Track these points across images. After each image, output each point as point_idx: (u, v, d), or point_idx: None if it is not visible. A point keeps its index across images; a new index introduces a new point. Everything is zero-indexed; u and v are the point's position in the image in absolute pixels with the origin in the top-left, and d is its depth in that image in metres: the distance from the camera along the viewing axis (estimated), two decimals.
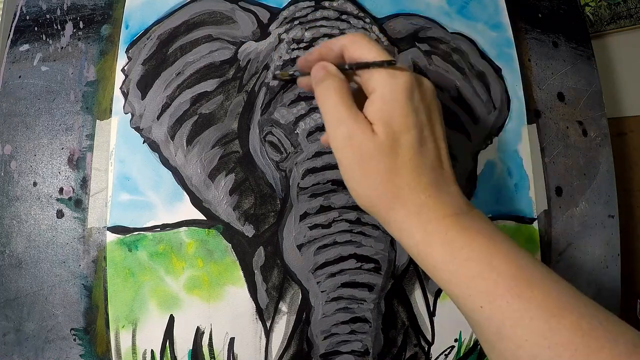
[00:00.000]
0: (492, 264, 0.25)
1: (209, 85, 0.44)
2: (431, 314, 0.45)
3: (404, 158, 0.27)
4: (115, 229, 0.41)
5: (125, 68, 0.43)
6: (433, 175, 0.28)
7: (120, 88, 0.43)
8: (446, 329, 0.45)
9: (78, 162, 0.43)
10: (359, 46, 0.30)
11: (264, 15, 0.45)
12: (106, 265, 0.41)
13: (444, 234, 0.27)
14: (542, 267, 0.27)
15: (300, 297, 0.43)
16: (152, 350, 0.41)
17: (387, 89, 0.28)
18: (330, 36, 0.44)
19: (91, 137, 0.43)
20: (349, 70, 0.30)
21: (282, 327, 0.42)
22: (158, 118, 0.43)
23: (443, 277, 0.27)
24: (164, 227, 0.42)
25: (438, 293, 0.46)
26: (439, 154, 0.29)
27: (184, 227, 0.42)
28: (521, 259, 0.26)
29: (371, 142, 0.27)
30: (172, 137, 0.43)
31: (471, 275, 0.26)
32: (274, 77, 0.43)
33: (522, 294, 0.24)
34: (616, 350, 0.23)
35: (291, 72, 0.37)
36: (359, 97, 0.30)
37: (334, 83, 0.29)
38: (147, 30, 0.44)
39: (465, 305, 0.26)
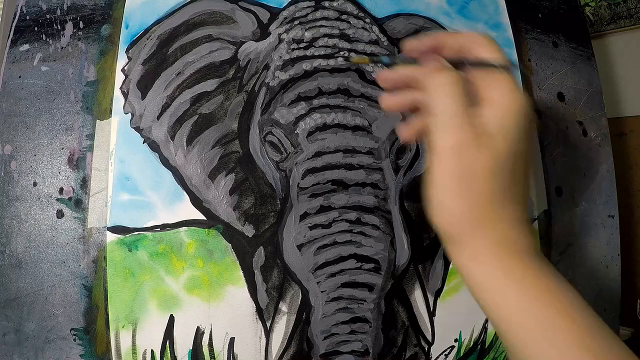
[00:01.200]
0: (558, 318, 0.24)
1: (209, 85, 0.44)
2: (431, 314, 0.45)
3: (501, 183, 0.25)
4: (115, 229, 0.41)
5: (125, 68, 0.43)
6: (518, 209, 0.26)
7: (120, 88, 0.43)
8: (446, 329, 0.45)
9: (78, 162, 0.43)
10: (482, 46, 0.27)
11: (264, 15, 0.45)
12: (106, 265, 0.41)
13: (515, 268, 0.25)
14: (599, 324, 0.25)
15: (300, 297, 0.43)
16: (152, 350, 0.41)
17: (508, 103, 0.25)
18: (330, 36, 0.44)
19: (91, 137, 0.43)
20: (465, 67, 0.27)
21: (282, 327, 0.42)
22: (158, 118, 0.43)
23: (502, 314, 0.25)
24: (164, 227, 0.41)
25: (438, 293, 0.46)
26: (525, 188, 0.27)
27: (184, 227, 0.42)
28: (585, 317, 0.25)
29: (482, 158, 0.25)
30: (172, 137, 0.43)
31: (529, 315, 0.25)
32: (347, 60, 0.38)
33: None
34: None
35: (376, 56, 0.32)
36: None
37: (455, 81, 0.26)
38: (147, 30, 0.44)
39: (514, 346, 0.25)
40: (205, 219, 0.42)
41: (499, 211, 0.26)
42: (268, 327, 0.42)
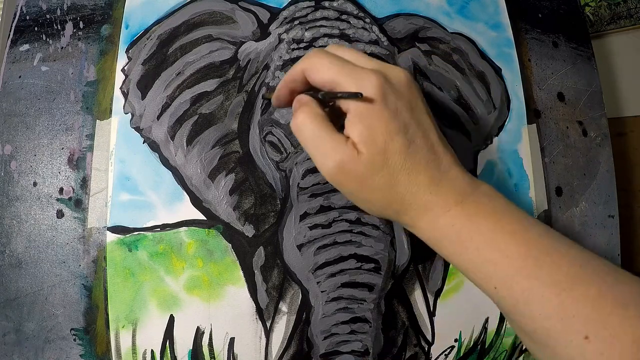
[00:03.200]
0: (499, 247, 0.26)
1: (209, 85, 0.44)
2: (431, 314, 0.45)
3: (396, 166, 0.27)
4: (115, 229, 0.41)
5: (125, 68, 0.43)
6: (430, 170, 0.28)
7: (120, 88, 0.43)
8: (446, 329, 0.45)
9: (78, 162, 0.43)
10: (318, 69, 0.29)
11: (264, 15, 0.45)
12: (106, 265, 0.41)
13: (451, 227, 0.27)
14: (551, 236, 0.27)
15: (300, 297, 0.43)
16: (152, 350, 0.41)
17: (358, 106, 0.27)
18: (330, 36, 0.44)
19: (91, 137, 0.43)
20: (322, 96, 0.29)
21: (282, 327, 0.42)
22: (158, 118, 0.43)
23: (458, 265, 0.28)
24: (164, 227, 0.42)
25: (438, 293, 0.46)
26: (431, 145, 0.28)
27: (184, 227, 0.42)
28: (530, 234, 0.27)
29: (360, 164, 0.27)
30: (172, 137, 0.43)
31: (482, 261, 0.27)
32: (263, 97, 0.42)
33: (530, 274, 0.25)
34: (626, 314, 0.23)
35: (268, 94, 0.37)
36: (338, 116, 0.30)
37: (307, 114, 0.29)
38: (147, 30, 0.44)
39: (482, 288, 0.28)
40: (205, 219, 0.42)
41: (410, 187, 0.28)
42: (268, 327, 0.42)
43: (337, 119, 0.30)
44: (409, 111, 0.28)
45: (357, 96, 0.27)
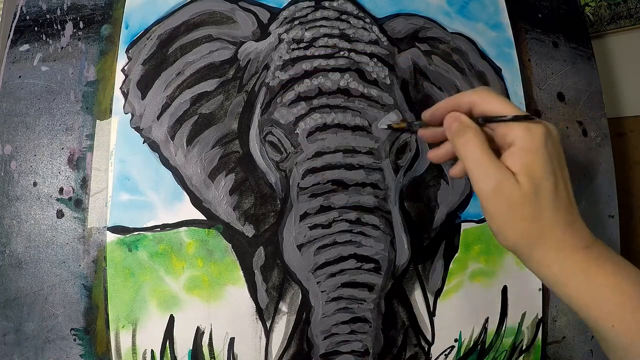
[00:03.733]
0: (621, 288, 0.30)
1: (209, 85, 0.44)
2: (431, 314, 0.45)
3: (544, 203, 0.30)
4: (115, 229, 0.41)
5: (125, 68, 0.43)
6: (567, 214, 0.31)
7: (120, 88, 0.43)
8: (446, 329, 0.45)
9: (78, 162, 0.43)
10: (490, 101, 0.32)
11: (264, 15, 0.45)
12: (106, 265, 0.41)
13: (579, 264, 0.30)
14: None
15: (300, 297, 0.43)
16: (152, 350, 0.41)
17: (526, 141, 0.30)
18: (330, 36, 0.44)
19: (91, 137, 0.43)
20: (481, 124, 0.32)
21: (282, 327, 0.42)
22: (158, 118, 0.43)
23: (577, 302, 0.31)
24: (164, 227, 0.42)
25: (438, 293, 0.46)
26: (569, 195, 0.32)
27: (184, 227, 0.42)
28: None
29: (518, 191, 0.30)
30: (172, 137, 0.43)
31: (603, 299, 0.30)
32: (389, 127, 0.38)
33: None
34: None
35: (409, 122, 0.37)
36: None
37: (474, 135, 0.31)
38: (147, 30, 0.44)
39: (598, 325, 0.30)
40: (205, 219, 0.42)
41: (551, 224, 0.31)
42: (268, 327, 0.42)
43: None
44: (558, 160, 0.32)
45: (528, 118, 0.30)
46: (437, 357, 0.45)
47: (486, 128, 0.32)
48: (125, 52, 0.44)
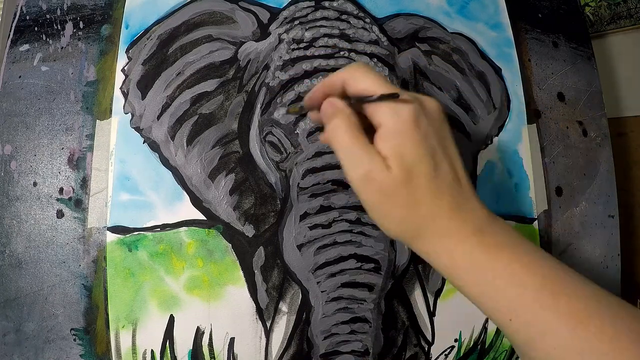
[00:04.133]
0: (516, 279, 0.27)
1: (209, 85, 0.44)
2: (431, 314, 0.45)
3: (421, 188, 0.28)
4: (115, 229, 0.41)
5: (126, 68, 0.43)
6: (452, 197, 0.28)
7: (121, 88, 0.43)
8: (446, 329, 0.45)
9: (78, 162, 0.43)
10: (360, 79, 0.29)
11: (264, 15, 0.45)
12: (106, 265, 0.41)
13: (470, 254, 0.28)
14: (566, 272, 0.28)
15: (301, 297, 0.43)
16: (152, 350, 0.41)
17: (392, 121, 0.28)
18: (330, 36, 0.44)
19: (91, 137, 0.43)
20: (353, 104, 0.30)
21: (282, 327, 0.42)
22: (158, 118, 0.43)
23: (472, 295, 0.28)
24: (164, 227, 0.42)
25: (438, 293, 0.46)
26: (455, 173, 0.29)
27: (184, 227, 0.42)
28: (545, 267, 0.27)
29: (388, 177, 0.27)
30: (172, 137, 0.43)
31: (498, 292, 0.27)
32: (287, 112, 0.42)
33: (546, 306, 0.26)
34: None
35: (300, 106, 0.37)
36: (368, 128, 0.30)
37: (342, 120, 0.29)
38: (147, 30, 0.44)
39: (496, 319, 0.28)
40: (205, 219, 0.42)
41: (432, 210, 0.28)
42: (268, 327, 0.42)
43: (365, 131, 0.30)
44: (437, 138, 0.29)
45: (394, 97, 0.28)
46: (437, 357, 0.45)
47: (364, 110, 0.30)
48: (125, 52, 0.44)
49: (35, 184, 0.42)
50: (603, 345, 0.24)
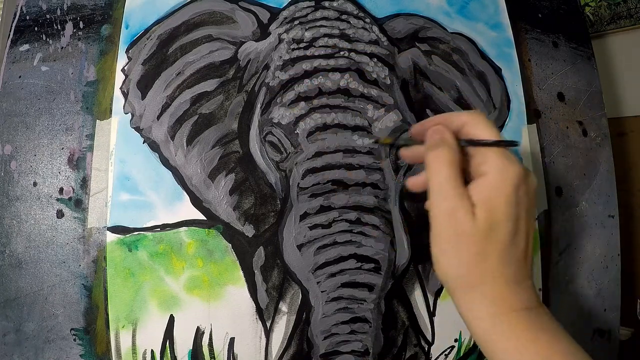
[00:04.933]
0: None
1: (209, 85, 0.44)
2: (431, 314, 0.45)
3: (496, 246, 0.28)
4: (115, 229, 0.41)
5: (126, 68, 0.43)
6: (516, 269, 0.29)
7: (121, 88, 0.43)
8: (446, 329, 0.45)
9: (78, 162, 0.43)
10: (481, 126, 0.30)
11: (264, 15, 0.45)
12: (106, 265, 0.41)
13: (514, 326, 0.28)
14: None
15: (300, 297, 0.43)
16: (152, 350, 0.41)
17: (498, 176, 0.28)
18: (330, 36, 0.44)
19: (91, 137, 0.43)
20: (464, 145, 0.31)
21: (282, 327, 0.42)
22: (158, 118, 0.43)
23: None
24: (164, 227, 0.42)
25: (438, 293, 0.46)
26: (526, 248, 0.30)
27: (184, 227, 0.42)
28: (579, 357, 0.28)
29: (470, 223, 0.28)
30: (172, 137, 0.43)
31: None
32: (375, 142, 0.42)
33: None
34: None
35: (396, 140, 0.37)
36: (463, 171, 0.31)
37: (448, 153, 0.29)
38: (147, 30, 0.44)
39: None
40: (205, 219, 0.42)
41: (496, 271, 0.28)
42: (268, 327, 0.42)
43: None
44: (526, 210, 0.29)
45: (512, 144, 0.29)
46: (437, 357, 0.45)
47: (466, 154, 0.30)
48: (125, 52, 0.44)
49: (35, 184, 0.42)
50: None
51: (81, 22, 0.45)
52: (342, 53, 0.44)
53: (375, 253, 0.42)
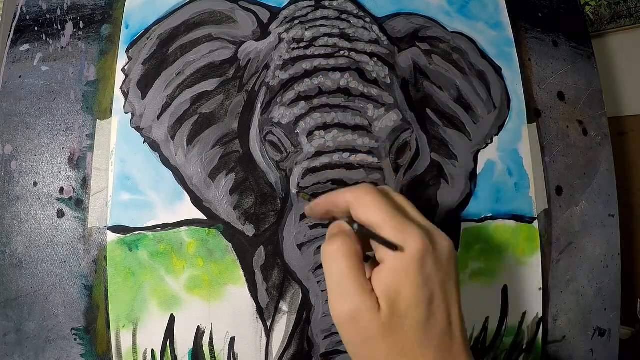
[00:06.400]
0: None
1: (209, 84, 0.44)
2: None
3: (409, 336, 0.26)
4: (115, 229, 0.41)
5: (126, 68, 0.43)
6: (440, 352, 0.26)
7: (121, 88, 0.43)
8: None
9: (78, 161, 0.43)
10: (365, 207, 0.28)
11: (264, 15, 0.45)
12: (107, 265, 0.41)
13: None
14: None
15: (301, 296, 0.43)
16: (152, 350, 0.41)
17: (395, 260, 0.26)
18: (330, 35, 0.44)
19: (91, 136, 0.43)
20: (357, 232, 0.28)
21: (282, 326, 0.43)
22: (158, 118, 0.43)
23: None
24: (165, 226, 0.42)
25: None
26: (449, 322, 0.27)
27: (184, 227, 0.42)
28: None
29: (375, 321, 0.25)
30: (173, 137, 0.43)
31: None
32: (297, 193, 0.42)
33: None
34: None
35: (310, 196, 0.36)
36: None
37: (345, 244, 0.27)
38: (147, 30, 0.44)
39: None
40: (205, 218, 0.42)
41: (416, 358, 0.26)
42: (269, 326, 0.42)
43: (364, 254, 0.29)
44: (440, 282, 0.27)
45: (393, 248, 0.26)
46: None
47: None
48: (126, 51, 0.44)
49: (35, 183, 0.42)
50: None
51: (81, 22, 0.45)
52: (342, 52, 0.44)
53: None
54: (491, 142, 0.48)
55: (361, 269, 0.27)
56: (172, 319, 0.41)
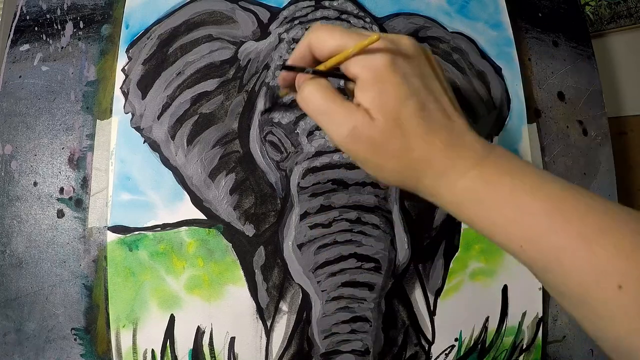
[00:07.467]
0: (521, 205, 0.26)
1: (209, 85, 0.44)
2: (431, 313, 0.45)
3: (410, 131, 0.27)
4: (115, 229, 0.41)
5: (126, 68, 0.43)
6: (445, 135, 0.27)
7: (121, 88, 0.43)
8: (446, 328, 0.45)
9: (78, 161, 0.43)
10: (324, 39, 0.28)
11: (264, 15, 0.45)
12: (107, 265, 0.41)
13: (471, 188, 0.27)
14: (574, 191, 0.26)
15: (301, 296, 0.43)
16: (152, 349, 0.41)
17: (367, 71, 0.27)
18: None
19: (92, 136, 0.43)
20: (325, 75, 0.29)
21: (282, 326, 0.43)
22: (158, 118, 0.43)
23: (482, 228, 0.27)
24: (165, 226, 0.42)
25: (438, 292, 0.46)
26: (443, 109, 0.28)
27: (184, 227, 0.42)
28: (552, 189, 0.26)
29: (374, 129, 0.26)
30: (173, 137, 0.43)
31: (504, 222, 0.26)
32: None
33: (558, 229, 0.24)
34: None
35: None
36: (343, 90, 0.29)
37: (314, 85, 0.28)
38: (147, 30, 0.44)
39: (507, 249, 0.27)
40: (205, 218, 0.42)
41: (426, 151, 0.27)
42: (268, 326, 0.42)
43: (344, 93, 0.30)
44: (418, 77, 0.28)
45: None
46: (438, 357, 0.45)
47: (340, 72, 0.28)
48: (126, 51, 0.44)
49: (35, 183, 0.42)
50: (621, 262, 0.23)
51: (81, 22, 0.45)
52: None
53: (375, 252, 0.42)
54: (491, 142, 0.48)
55: (339, 95, 0.28)
56: (172, 319, 0.41)
